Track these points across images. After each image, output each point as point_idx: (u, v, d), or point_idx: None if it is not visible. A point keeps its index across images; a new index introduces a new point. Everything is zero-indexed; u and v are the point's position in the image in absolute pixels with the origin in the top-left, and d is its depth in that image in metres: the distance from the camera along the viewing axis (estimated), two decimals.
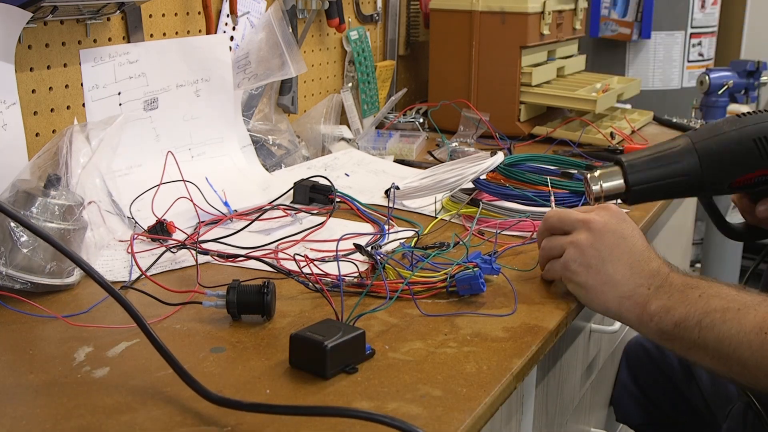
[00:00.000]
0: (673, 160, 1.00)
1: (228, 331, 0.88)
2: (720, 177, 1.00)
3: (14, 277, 0.94)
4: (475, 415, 0.71)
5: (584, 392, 1.37)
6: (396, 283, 0.95)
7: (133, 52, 1.28)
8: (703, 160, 0.99)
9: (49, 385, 0.76)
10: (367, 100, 1.87)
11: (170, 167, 1.26)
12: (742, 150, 0.99)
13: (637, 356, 1.53)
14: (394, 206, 1.29)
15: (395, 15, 2.00)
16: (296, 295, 0.97)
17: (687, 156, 1.00)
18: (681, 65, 2.51)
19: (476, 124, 1.77)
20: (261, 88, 1.54)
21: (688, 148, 1.00)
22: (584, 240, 0.92)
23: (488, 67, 1.89)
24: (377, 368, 0.79)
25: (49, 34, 1.18)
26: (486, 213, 1.24)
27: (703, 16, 2.52)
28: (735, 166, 1.00)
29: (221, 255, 1.06)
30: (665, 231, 1.79)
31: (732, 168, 1.00)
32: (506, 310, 0.92)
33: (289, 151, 1.57)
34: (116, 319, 0.88)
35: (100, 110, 1.24)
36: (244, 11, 1.50)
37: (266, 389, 0.75)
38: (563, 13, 1.98)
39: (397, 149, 1.70)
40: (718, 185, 1.01)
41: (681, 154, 1.00)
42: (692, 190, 1.02)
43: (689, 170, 1.00)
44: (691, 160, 1.00)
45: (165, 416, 0.71)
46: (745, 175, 1.00)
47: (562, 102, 1.88)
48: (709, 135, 1.01)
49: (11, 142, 1.10)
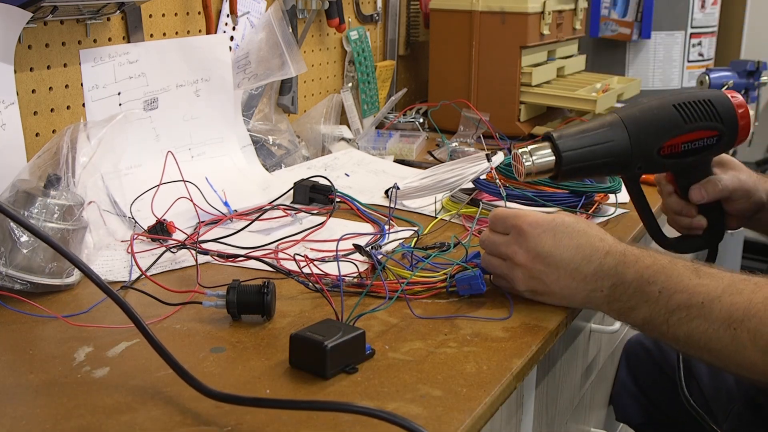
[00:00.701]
0: (600, 130, 1.02)
1: (228, 331, 0.88)
2: (647, 143, 1.02)
3: (14, 277, 0.94)
4: (475, 415, 0.71)
5: (584, 392, 1.37)
6: (396, 284, 0.95)
7: (133, 52, 1.28)
8: (629, 128, 1.02)
9: (49, 385, 0.76)
10: (367, 100, 1.87)
11: (170, 167, 1.26)
12: (664, 115, 1.03)
13: (636, 355, 1.53)
14: (394, 206, 1.29)
15: (395, 15, 2.00)
16: (296, 295, 0.97)
17: (614, 127, 1.02)
18: (681, 65, 2.51)
19: (476, 124, 1.77)
20: (261, 88, 1.54)
21: (615, 121, 1.03)
22: (521, 260, 0.91)
23: (488, 67, 1.89)
24: (377, 368, 0.79)
25: (49, 34, 1.18)
26: (486, 213, 1.24)
27: (703, 16, 2.52)
28: (660, 131, 1.03)
29: (221, 255, 1.06)
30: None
31: (657, 133, 1.02)
32: (506, 311, 0.92)
33: (289, 151, 1.57)
34: (116, 319, 0.88)
35: (100, 110, 1.24)
36: (244, 11, 1.50)
37: (266, 389, 0.75)
38: (563, 13, 1.98)
39: (397, 149, 1.70)
40: (647, 153, 1.03)
41: (609, 126, 1.02)
42: (623, 162, 1.03)
43: (617, 138, 1.01)
44: (618, 130, 1.02)
45: (165, 416, 0.71)
46: (671, 139, 1.03)
47: (562, 102, 1.88)
48: (632, 107, 1.05)
49: (10, 141, 1.10)
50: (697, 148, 1.04)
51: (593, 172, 1.04)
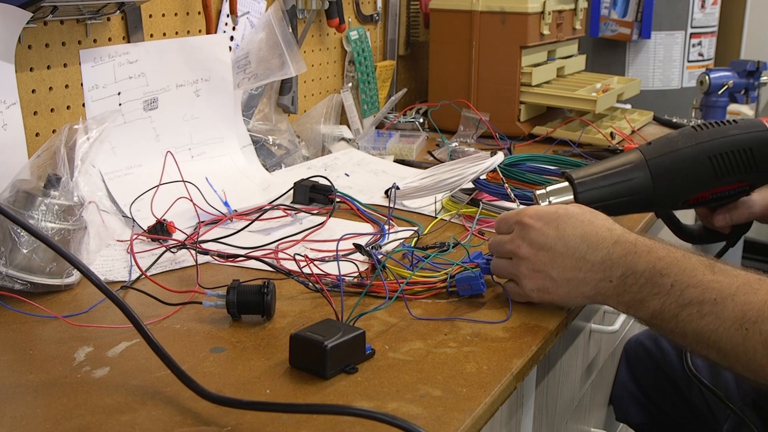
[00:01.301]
0: (624, 178, 0.96)
1: (228, 331, 0.88)
2: (674, 195, 0.96)
3: (14, 277, 0.94)
4: (475, 415, 0.71)
5: (584, 392, 1.37)
6: (396, 284, 0.95)
7: (133, 52, 1.28)
8: (655, 179, 0.95)
9: (49, 385, 0.76)
10: (367, 100, 1.87)
11: (170, 167, 1.26)
12: (696, 168, 0.94)
13: (637, 355, 1.53)
14: (394, 206, 1.29)
15: (395, 15, 2.00)
16: (296, 295, 0.97)
17: (639, 173, 0.95)
18: (681, 65, 2.51)
19: (476, 124, 1.77)
20: (261, 88, 1.54)
21: (640, 165, 0.96)
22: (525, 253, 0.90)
23: (488, 67, 1.89)
24: (377, 368, 0.79)
25: (49, 34, 1.18)
26: (486, 213, 1.24)
27: (703, 16, 2.52)
28: (689, 185, 0.96)
29: (221, 255, 1.06)
30: (665, 231, 1.79)
31: (686, 187, 0.96)
32: (506, 312, 0.92)
33: (289, 151, 1.57)
34: (116, 319, 0.88)
35: (100, 110, 1.24)
36: (244, 11, 1.50)
37: (266, 389, 0.75)
38: (563, 13, 1.98)
39: (397, 149, 1.70)
40: (672, 203, 0.98)
41: (633, 171, 0.96)
42: (645, 207, 0.99)
43: (641, 189, 0.96)
44: (643, 179, 0.95)
45: (165, 416, 0.71)
46: (699, 193, 0.96)
47: (562, 102, 1.88)
48: (662, 151, 0.96)
49: (11, 141, 1.10)
50: (726, 197, 0.98)
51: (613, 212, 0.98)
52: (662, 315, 0.82)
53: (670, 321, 0.81)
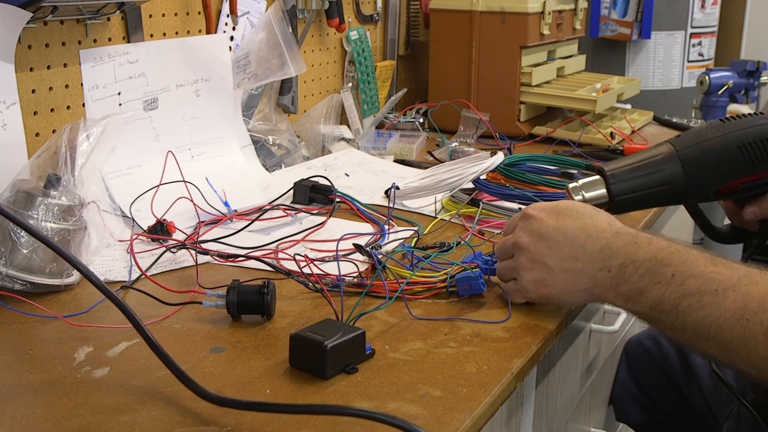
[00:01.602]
0: (656, 169, 0.97)
1: (228, 331, 0.88)
2: (705, 185, 0.98)
3: (14, 277, 0.94)
4: (475, 415, 0.71)
5: (584, 392, 1.37)
6: (396, 284, 0.95)
7: (133, 52, 1.28)
8: (687, 169, 0.97)
9: (49, 385, 0.76)
10: (367, 100, 1.87)
11: (170, 167, 1.26)
12: (726, 157, 0.96)
13: (636, 355, 1.53)
14: (394, 206, 1.29)
15: (395, 15, 2.00)
16: (296, 295, 0.97)
17: (670, 164, 0.97)
18: (681, 65, 2.51)
19: (476, 124, 1.77)
20: (261, 88, 1.54)
21: (671, 156, 0.97)
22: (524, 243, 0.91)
23: (488, 67, 1.89)
24: (377, 368, 0.79)
25: (49, 34, 1.18)
26: (486, 213, 1.24)
27: (703, 16, 2.52)
28: (720, 174, 0.97)
29: (221, 255, 1.06)
30: (665, 231, 1.79)
31: (717, 176, 0.97)
32: (506, 311, 0.92)
33: (289, 151, 1.57)
34: (116, 319, 0.88)
35: (100, 110, 1.24)
36: (244, 11, 1.50)
37: (266, 389, 0.75)
38: (563, 13, 1.98)
39: (397, 149, 1.70)
40: (703, 193, 0.99)
41: (664, 162, 0.97)
42: (676, 199, 1.00)
43: (673, 179, 0.97)
44: (675, 169, 0.97)
45: (165, 416, 0.71)
46: (730, 182, 0.98)
47: (562, 102, 1.88)
48: (692, 142, 0.98)
49: (11, 141, 1.10)
50: (756, 186, 0.99)
51: (645, 205, 1.00)
52: (661, 306, 0.81)
53: (670, 312, 0.81)
